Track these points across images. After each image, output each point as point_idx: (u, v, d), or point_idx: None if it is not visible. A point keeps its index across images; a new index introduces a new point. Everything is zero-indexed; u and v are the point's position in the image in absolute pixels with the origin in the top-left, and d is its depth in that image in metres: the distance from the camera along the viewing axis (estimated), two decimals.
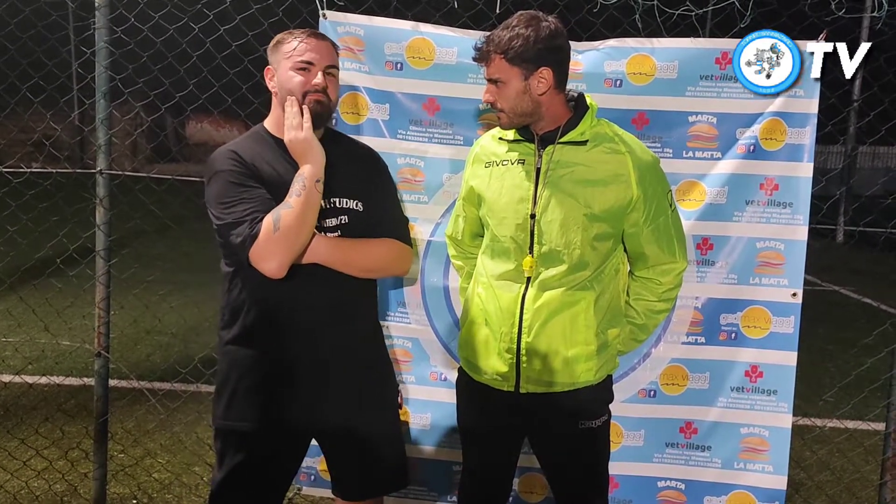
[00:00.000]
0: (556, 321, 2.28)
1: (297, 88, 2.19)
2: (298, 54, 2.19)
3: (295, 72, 2.19)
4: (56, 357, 5.25)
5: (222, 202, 2.14)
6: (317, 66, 2.20)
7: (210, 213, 2.19)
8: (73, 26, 6.84)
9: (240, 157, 2.20)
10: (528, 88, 2.21)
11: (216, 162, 2.21)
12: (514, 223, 2.30)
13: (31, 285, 6.08)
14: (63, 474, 3.63)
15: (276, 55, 2.24)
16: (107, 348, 3.24)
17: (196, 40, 3.38)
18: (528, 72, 2.19)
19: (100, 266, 3.20)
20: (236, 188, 2.14)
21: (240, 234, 2.09)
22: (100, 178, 3.15)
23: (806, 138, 2.79)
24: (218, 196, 2.16)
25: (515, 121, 2.26)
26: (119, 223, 3.49)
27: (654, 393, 2.93)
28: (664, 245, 2.35)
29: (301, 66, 2.19)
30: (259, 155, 2.23)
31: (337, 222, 2.25)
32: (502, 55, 2.18)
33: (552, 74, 2.21)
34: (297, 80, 2.19)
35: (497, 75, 2.21)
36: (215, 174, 2.19)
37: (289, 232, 2.07)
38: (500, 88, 2.22)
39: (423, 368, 3.03)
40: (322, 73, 2.20)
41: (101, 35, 3.04)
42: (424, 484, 3.07)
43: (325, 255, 2.18)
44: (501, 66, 2.19)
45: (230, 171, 2.17)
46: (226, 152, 2.23)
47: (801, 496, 3.74)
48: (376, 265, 2.30)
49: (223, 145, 2.29)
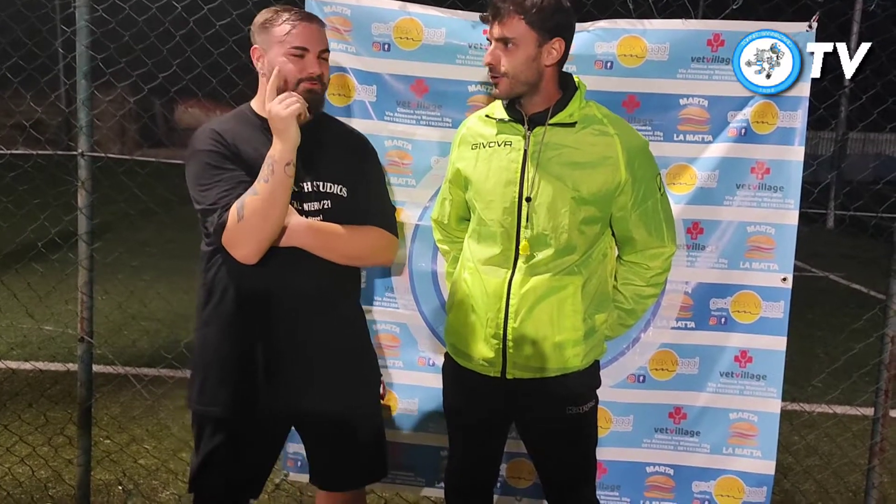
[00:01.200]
0: (542, 306, 2.26)
1: (291, 75, 2.14)
2: (292, 40, 2.12)
3: (288, 57, 2.13)
4: (39, 342, 5.19)
5: (199, 184, 2.12)
6: (311, 51, 2.15)
7: (191, 193, 2.15)
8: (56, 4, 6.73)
9: (221, 136, 2.15)
10: (538, 56, 2.17)
11: (196, 140, 2.17)
12: (501, 206, 2.27)
13: (12, 270, 6.01)
14: (47, 460, 3.60)
15: (265, 36, 2.17)
16: (90, 333, 3.19)
17: (179, 19, 3.31)
18: (543, 39, 2.16)
19: (82, 250, 3.15)
20: (212, 170, 2.11)
21: (211, 223, 2.07)
22: (81, 161, 3.09)
23: (797, 122, 2.76)
24: (195, 177, 2.13)
25: (514, 89, 2.20)
26: (103, 207, 3.45)
27: (643, 378, 2.91)
28: (652, 229, 2.32)
29: (295, 53, 2.13)
30: (241, 135, 2.18)
31: (319, 206, 2.20)
32: (522, 16, 2.13)
33: (563, 48, 2.19)
34: (290, 66, 2.13)
35: (512, 35, 2.15)
36: (194, 153, 2.15)
37: (254, 219, 2.03)
38: (510, 51, 2.16)
39: (410, 353, 3.00)
40: (316, 59, 2.15)
41: (82, 13, 2.98)
42: (412, 469, 3.05)
43: (305, 239, 2.14)
44: (519, 26, 2.14)
45: (208, 152, 2.13)
46: (208, 131, 2.18)
47: (790, 481, 3.75)
48: (358, 253, 2.25)
49: (206, 123, 2.24)
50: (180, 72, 3.42)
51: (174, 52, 3.40)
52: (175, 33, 3.30)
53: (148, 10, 3.32)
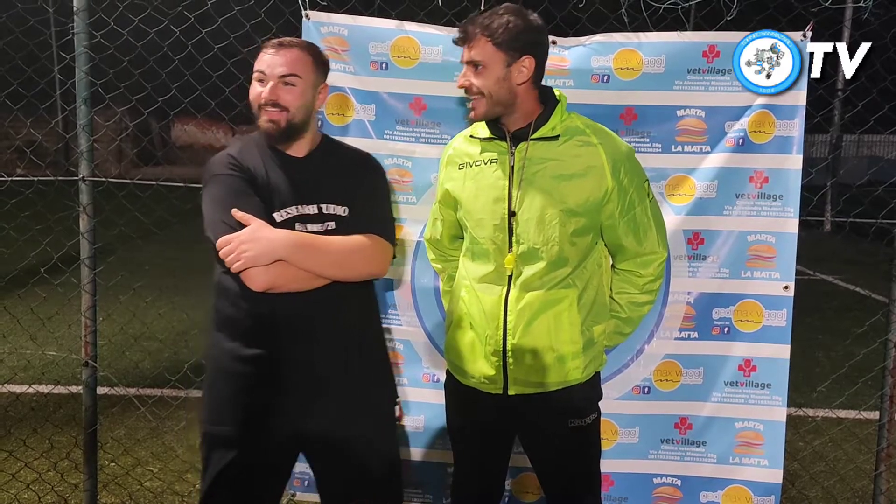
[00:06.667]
0: (539, 321, 2.27)
1: (253, 102, 2.16)
2: (256, 64, 2.15)
3: (254, 82, 2.16)
4: (43, 367, 5.18)
5: (217, 209, 2.12)
6: (269, 76, 2.13)
7: (205, 218, 2.16)
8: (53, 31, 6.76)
9: (237, 161, 2.18)
10: (508, 76, 2.19)
11: (214, 166, 2.19)
12: (491, 224, 2.28)
13: (15, 295, 6.02)
14: (53, 486, 3.58)
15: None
16: (94, 357, 3.19)
17: (178, 43, 3.33)
18: (511, 59, 2.18)
19: (85, 275, 3.15)
20: (232, 196, 2.12)
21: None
22: (83, 185, 3.11)
23: (795, 130, 2.78)
24: (213, 201, 2.13)
25: (490, 110, 2.22)
26: (103, 230, 3.45)
27: (647, 389, 2.92)
28: (641, 236, 2.33)
29: (257, 77, 2.16)
30: (255, 160, 2.21)
31: (323, 228, 2.19)
32: (489, 38, 2.16)
33: (533, 65, 2.20)
34: (253, 92, 2.16)
35: (479, 58, 2.18)
36: (213, 177, 2.17)
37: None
38: (480, 72, 2.19)
39: (415, 370, 3.00)
40: (277, 84, 2.13)
41: (81, 40, 3.00)
42: (419, 486, 3.05)
43: (287, 252, 2.08)
44: (486, 48, 2.17)
45: (227, 176, 2.15)
46: (224, 157, 2.21)
47: (797, 488, 3.74)
48: (347, 259, 2.15)
49: (221, 151, 2.27)
50: (179, 95, 3.44)
51: (172, 74, 3.42)
52: (174, 57, 3.32)
53: (146, 35, 3.34)
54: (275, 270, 2.08)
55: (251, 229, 2.07)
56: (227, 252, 2.06)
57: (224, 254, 2.06)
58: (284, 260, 2.08)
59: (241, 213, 2.08)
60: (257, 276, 2.07)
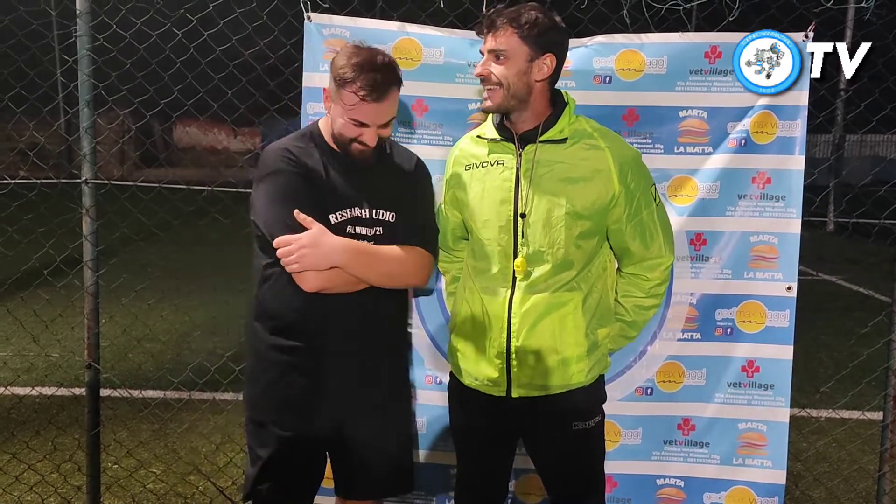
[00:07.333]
0: (544, 324, 2.26)
1: (347, 135, 2.21)
2: (355, 114, 2.17)
3: (350, 122, 2.19)
4: (46, 369, 5.19)
5: (276, 206, 2.16)
6: (372, 126, 2.20)
7: (255, 210, 2.20)
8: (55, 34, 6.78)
9: (296, 157, 2.21)
10: (529, 70, 2.19)
11: (271, 159, 2.21)
12: (496, 225, 2.28)
13: (18, 297, 6.02)
14: (56, 488, 3.59)
15: (335, 87, 2.20)
16: (97, 359, 3.20)
17: (180, 45, 3.34)
18: (535, 54, 2.18)
19: (87, 277, 3.16)
20: (292, 194, 2.16)
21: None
22: (85, 188, 3.11)
23: (797, 131, 2.77)
24: (272, 198, 2.17)
25: (505, 102, 2.22)
26: (106, 232, 3.45)
27: (650, 390, 2.91)
28: (648, 240, 2.33)
29: (356, 123, 2.19)
30: (312, 158, 2.25)
31: (372, 232, 2.26)
32: (516, 29, 2.16)
33: (554, 65, 2.21)
34: (349, 130, 2.20)
35: (504, 47, 2.17)
36: (273, 172, 2.19)
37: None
38: (502, 62, 2.19)
39: (417, 372, 2.99)
40: (375, 131, 2.20)
41: (83, 43, 3.00)
42: (421, 488, 3.03)
43: (343, 259, 2.17)
44: (512, 39, 2.17)
45: (288, 173, 2.18)
46: (282, 151, 2.23)
47: (800, 489, 3.74)
48: (394, 270, 2.27)
49: (276, 142, 2.29)
50: (181, 97, 3.45)
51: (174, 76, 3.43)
52: (176, 59, 3.32)
53: (148, 37, 3.34)
54: (328, 274, 2.16)
55: (312, 234, 2.13)
56: (287, 253, 2.12)
57: (282, 254, 2.12)
58: (339, 267, 2.16)
59: (304, 216, 2.13)
60: (311, 279, 2.15)
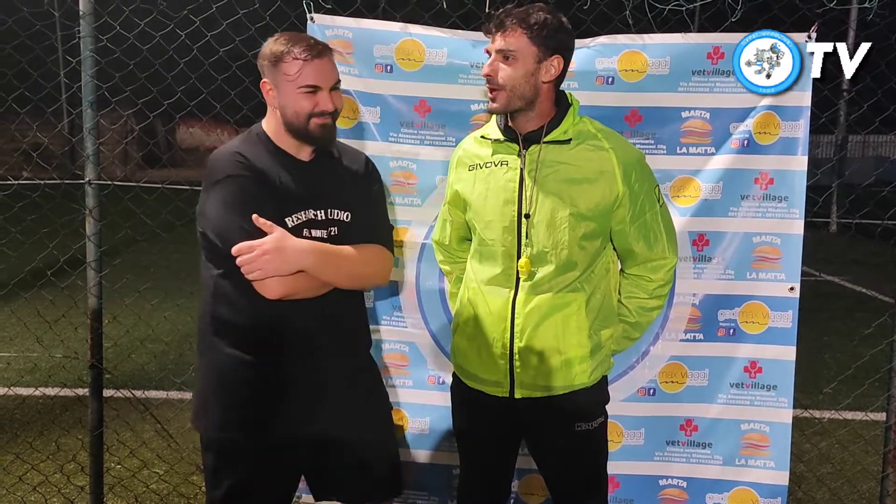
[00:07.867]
0: (547, 324, 2.26)
1: (304, 111, 2.12)
2: (304, 79, 2.09)
3: (301, 95, 2.11)
4: (49, 369, 5.20)
5: (232, 212, 2.06)
6: (324, 88, 2.12)
7: (206, 218, 2.11)
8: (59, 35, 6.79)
9: (248, 161, 2.12)
10: (537, 71, 2.19)
11: (222, 164, 2.11)
12: (500, 226, 2.28)
13: (21, 298, 6.03)
14: (59, 488, 3.60)
15: (275, 73, 2.13)
16: (100, 360, 3.21)
17: (183, 46, 3.34)
18: (543, 55, 2.18)
19: (91, 277, 3.17)
20: (249, 199, 2.06)
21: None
22: (88, 189, 3.12)
23: (800, 132, 2.77)
24: (227, 204, 2.07)
25: (511, 103, 2.21)
26: (109, 232, 3.46)
27: (653, 391, 2.91)
28: (652, 241, 2.33)
29: (308, 90, 2.11)
30: (263, 161, 2.16)
31: (326, 234, 2.19)
32: (526, 30, 2.16)
33: (561, 66, 2.21)
34: (303, 103, 2.11)
35: (513, 47, 2.17)
36: (225, 178, 2.09)
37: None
38: (509, 63, 2.18)
39: (420, 372, 3.00)
40: (329, 94, 2.13)
41: (87, 44, 3.01)
42: (424, 489, 3.04)
43: (309, 261, 2.08)
44: (521, 40, 2.17)
45: (240, 178, 2.08)
46: (232, 154, 2.13)
47: (803, 490, 3.74)
48: (361, 271, 2.20)
49: (223, 146, 2.20)
50: (184, 98, 3.45)
51: (177, 77, 3.43)
52: (179, 60, 3.33)
53: (151, 38, 3.35)
54: (292, 280, 2.07)
55: (276, 238, 2.04)
56: (247, 261, 2.01)
57: (242, 262, 2.02)
58: (306, 270, 2.08)
59: (264, 221, 2.04)
60: (275, 285, 2.05)
